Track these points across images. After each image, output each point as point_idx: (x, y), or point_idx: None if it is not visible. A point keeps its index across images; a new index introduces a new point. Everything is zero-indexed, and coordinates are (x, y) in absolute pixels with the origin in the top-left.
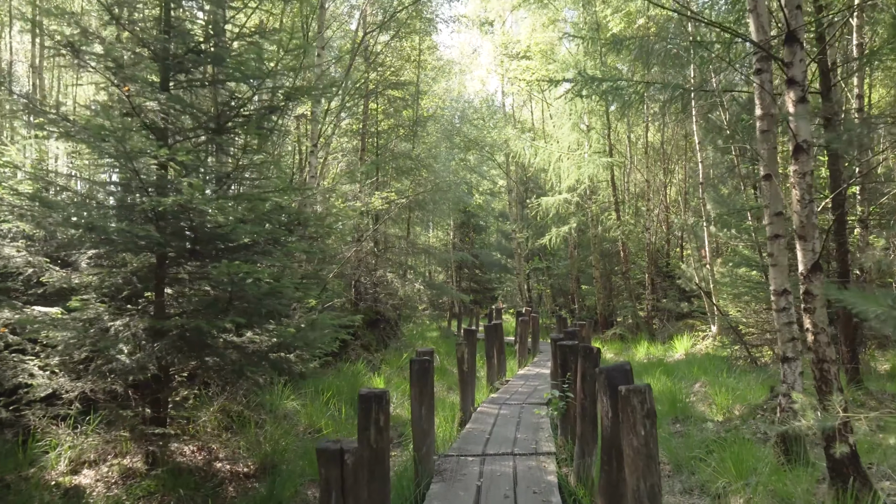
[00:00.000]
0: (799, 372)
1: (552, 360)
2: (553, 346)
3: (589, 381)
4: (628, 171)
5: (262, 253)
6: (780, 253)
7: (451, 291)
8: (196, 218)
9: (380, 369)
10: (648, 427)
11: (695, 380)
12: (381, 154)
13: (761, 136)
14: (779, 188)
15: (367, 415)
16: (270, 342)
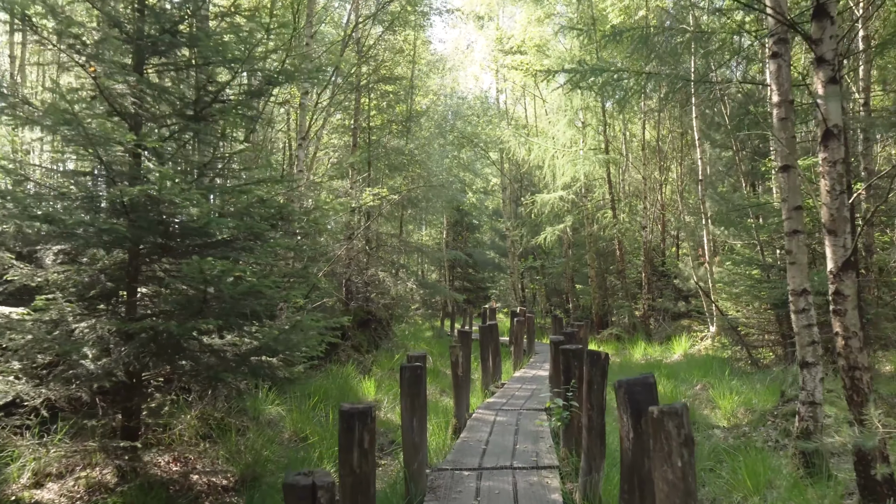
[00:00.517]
0: (819, 378)
1: (552, 364)
2: (553, 350)
3: (596, 391)
4: (624, 169)
5: (242, 249)
6: (800, 250)
7: (445, 290)
8: (167, 210)
9: (370, 371)
10: (687, 457)
11: (695, 382)
12: (373, 149)
13: (779, 125)
14: (798, 180)
15: (350, 435)
16: (251, 345)
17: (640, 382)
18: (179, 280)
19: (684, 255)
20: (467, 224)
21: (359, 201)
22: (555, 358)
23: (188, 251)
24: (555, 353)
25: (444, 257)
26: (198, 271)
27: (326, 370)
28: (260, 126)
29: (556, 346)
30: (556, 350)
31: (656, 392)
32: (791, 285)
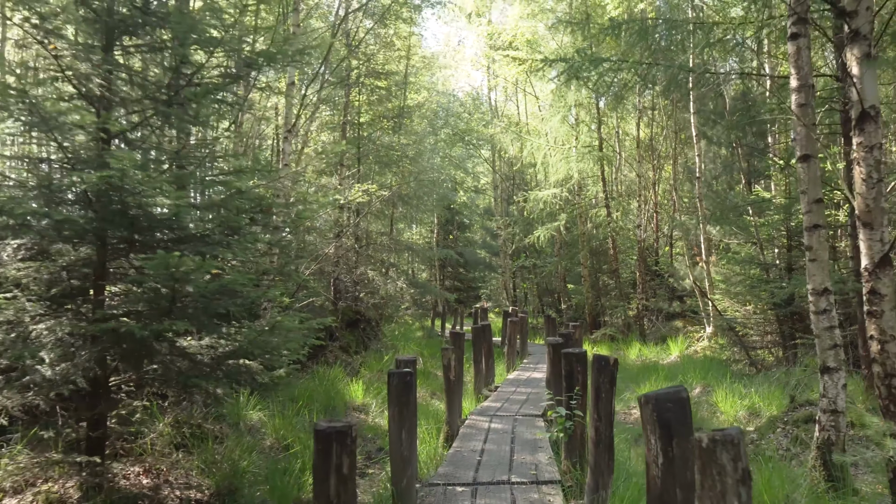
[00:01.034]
0: (842, 384)
1: (549, 367)
2: (552, 353)
3: (605, 400)
4: (617, 168)
5: (218, 244)
6: (821, 246)
7: (435, 290)
8: (133, 201)
9: (359, 373)
10: (745, 498)
11: (694, 384)
12: (363, 145)
13: (798, 111)
14: (818, 171)
15: (326, 459)
16: (226, 349)
17: (671, 398)
18: (147, 278)
19: (678, 255)
20: (458, 223)
21: (347, 198)
22: (553, 361)
23: (158, 246)
24: (554, 356)
25: (434, 256)
26: (164, 267)
27: (313, 372)
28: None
29: (556, 349)
30: (556, 353)
31: (689, 409)
32: (811, 284)
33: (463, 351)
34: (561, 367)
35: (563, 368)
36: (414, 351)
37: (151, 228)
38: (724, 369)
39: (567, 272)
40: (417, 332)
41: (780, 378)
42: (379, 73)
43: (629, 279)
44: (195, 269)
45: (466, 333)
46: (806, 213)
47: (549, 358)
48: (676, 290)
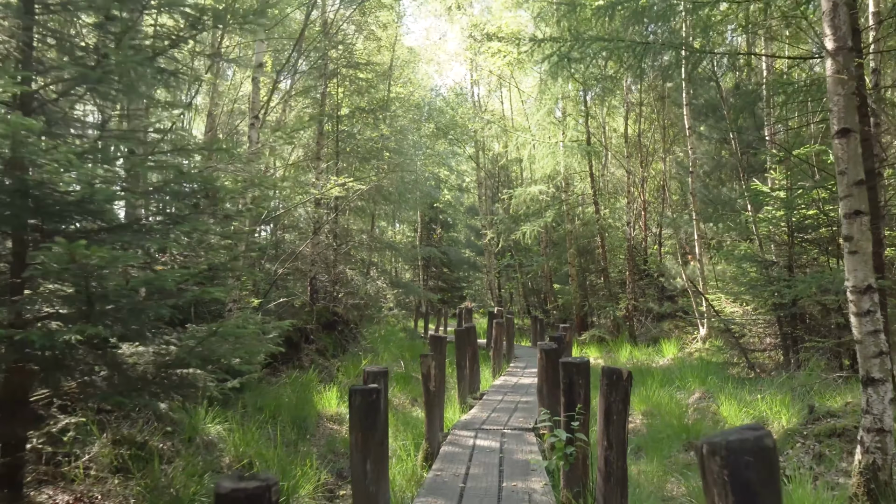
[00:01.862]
0: (889, 399)
1: (542, 376)
2: (545, 361)
3: (617, 423)
4: (605, 164)
5: (153, 234)
6: (863, 236)
7: (418, 290)
8: (32, 177)
9: (335, 378)
10: None
11: (692, 390)
12: (342, 139)
13: (834, 80)
14: (859, 147)
15: None
16: (163, 358)
17: (750, 447)
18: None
19: (667, 254)
20: (442, 222)
21: (322, 190)
22: (546, 369)
23: (77, 237)
24: (547, 364)
25: (417, 254)
26: (66, 261)
27: (286, 377)
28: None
29: (550, 357)
30: (550, 361)
31: (776, 463)
32: (851, 280)
33: (445, 356)
34: (556, 377)
35: (560, 381)
36: (395, 354)
37: (62, 214)
38: (721, 373)
39: (553, 272)
40: (399, 333)
41: (784, 384)
42: (359, 64)
43: (617, 279)
44: (109, 263)
45: (450, 336)
46: (844, 197)
47: (542, 366)
48: (666, 289)
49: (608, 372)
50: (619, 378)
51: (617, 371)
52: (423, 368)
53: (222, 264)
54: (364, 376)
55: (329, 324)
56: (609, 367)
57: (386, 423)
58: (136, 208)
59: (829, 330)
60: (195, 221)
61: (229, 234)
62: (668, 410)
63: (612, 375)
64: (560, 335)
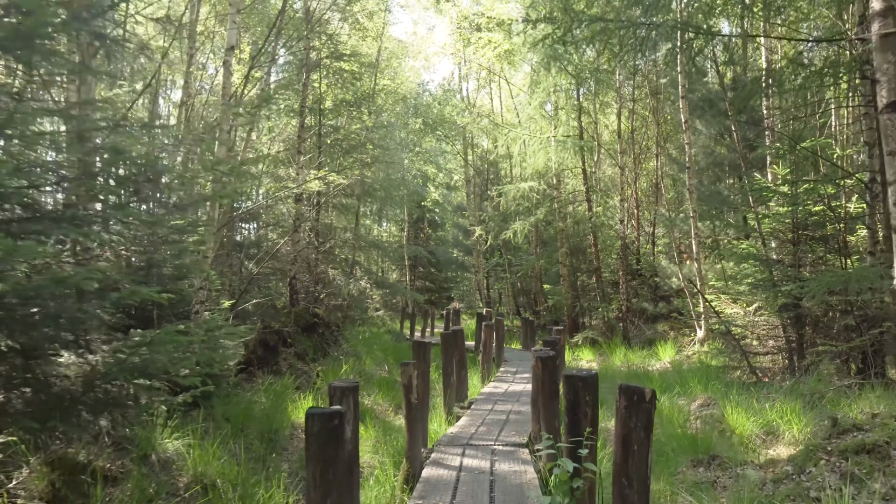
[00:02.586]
0: None
1: (537, 387)
2: (541, 370)
3: (638, 457)
4: (597, 161)
5: (85, 225)
6: None
7: (404, 290)
8: None
9: (314, 384)
10: None
11: (693, 396)
12: (324, 133)
13: (880, 46)
14: None
15: None
16: (92, 371)
17: None
18: None
19: (659, 253)
20: (430, 221)
21: (301, 185)
22: (542, 379)
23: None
24: (543, 373)
25: (404, 253)
26: None
27: (261, 383)
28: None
29: (547, 365)
30: (545, 370)
31: None
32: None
33: (428, 364)
34: (553, 387)
35: (563, 397)
36: (378, 357)
37: None
38: (721, 378)
39: (543, 271)
40: (384, 335)
41: (792, 390)
42: (344, 55)
43: (609, 279)
44: (4, 257)
45: (436, 338)
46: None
47: (538, 375)
48: (659, 290)
49: (627, 391)
50: (641, 399)
51: (637, 390)
52: (405, 378)
53: (164, 260)
54: (329, 393)
55: (309, 326)
56: (628, 386)
57: (354, 453)
58: (78, 195)
59: (836, 332)
60: (131, 210)
61: (183, 226)
62: (670, 419)
63: (631, 395)
64: (554, 339)
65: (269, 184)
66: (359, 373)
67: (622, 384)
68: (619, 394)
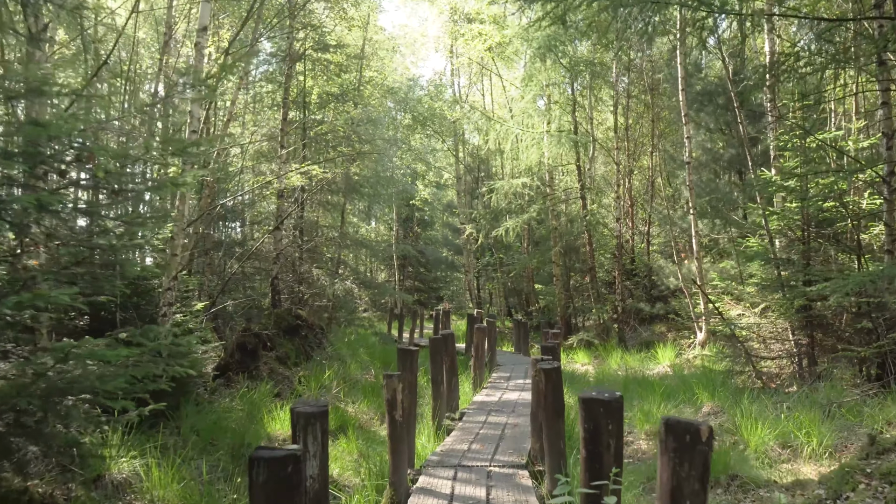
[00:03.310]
0: None
1: (536, 396)
2: (543, 384)
3: None
4: (592, 157)
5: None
6: None
7: (392, 291)
8: None
9: (295, 390)
10: None
11: (699, 404)
12: (308, 127)
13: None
14: None
15: None
16: None
17: None
18: None
19: (654, 252)
20: (419, 220)
21: (281, 178)
22: (545, 396)
23: None
24: (546, 388)
25: (392, 252)
26: None
27: (239, 389)
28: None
29: (551, 378)
30: (549, 384)
31: None
32: None
33: (415, 374)
34: (558, 402)
35: (584, 428)
36: (364, 361)
37: None
38: (726, 383)
39: (535, 271)
40: (371, 337)
41: (805, 398)
42: (330, 47)
43: (604, 279)
44: None
45: (424, 340)
46: None
47: (539, 390)
48: (654, 290)
49: (677, 428)
50: (696, 439)
51: (690, 427)
52: (387, 392)
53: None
54: (292, 419)
55: (291, 328)
56: (677, 421)
57: (321, 498)
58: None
59: (850, 336)
60: (47, 195)
61: (132, 218)
62: None
63: (682, 434)
64: (553, 344)
65: (250, 180)
66: (343, 378)
67: (669, 418)
68: (665, 431)
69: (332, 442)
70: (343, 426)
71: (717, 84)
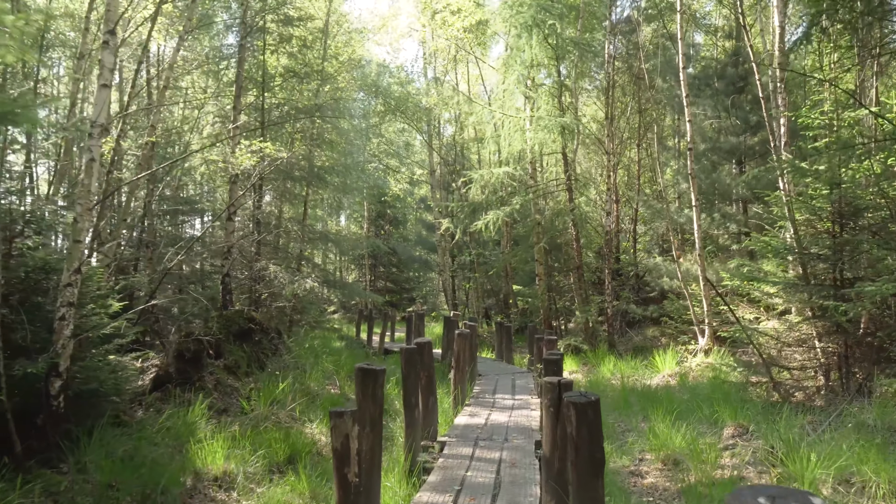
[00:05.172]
0: None
1: (552, 436)
2: (574, 422)
3: None
4: (576, 147)
5: None
6: None
7: (360, 290)
8: None
9: (243, 408)
10: None
11: (718, 423)
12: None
13: None
14: None
15: None
16: None
17: None
18: None
19: (640, 251)
20: (391, 217)
21: (228, 159)
22: (577, 445)
23: None
24: (579, 431)
25: (362, 247)
26: None
27: (173, 406)
28: None
29: (584, 416)
30: (583, 424)
31: None
32: None
33: (381, 404)
34: (600, 456)
35: None
36: (328, 370)
37: None
38: (741, 397)
39: (514, 271)
40: (335, 342)
41: (854, 418)
42: (293, 19)
43: (589, 279)
44: None
45: (398, 344)
46: None
47: (568, 437)
48: (641, 291)
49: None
50: None
51: None
52: (336, 438)
53: None
54: None
55: (243, 332)
56: None
57: None
58: None
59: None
60: None
61: None
62: (699, 456)
63: None
64: (557, 357)
65: (200, 165)
66: (301, 390)
67: None
68: None
69: (279, 480)
70: (294, 456)
71: (717, 66)
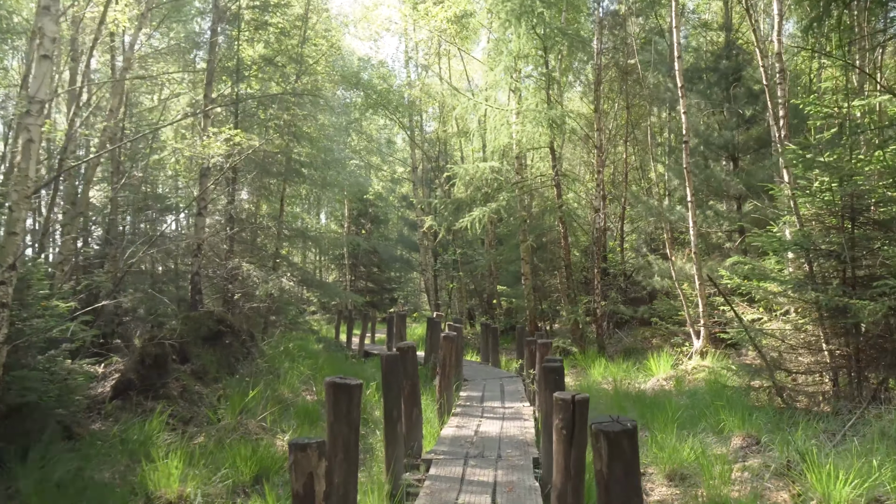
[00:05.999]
0: None
1: (560, 469)
2: (605, 456)
3: None
4: (563, 141)
5: None
6: None
7: (339, 291)
8: None
9: (210, 416)
10: None
11: (725, 432)
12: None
13: None
14: None
15: None
16: None
17: None
18: None
19: (627, 249)
20: (372, 216)
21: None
22: (607, 485)
23: None
24: (610, 467)
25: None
26: None
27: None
28: None
29: (621, 454)
30: (619, 463)
31: None
32: None
33: (356, 428)
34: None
35: None
36: (304, 375)
37: None
38: (742, 402)
39: (499, 270)
40: (314, 344)
41: (872, 426)
42: (269, 4)
43: (578, 278)
44: None
45: (379, 346)
46: None
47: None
48: (629, 291)
49: None
50: None
51: None
52: (297, 479)
53: None
54: None
55: (212, 335)
56: None
57: None
58: None
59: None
60: None
61: None
62: (709, 471)
63: None
64: (557, 364)
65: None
66: (274, 398)
67: None
68: None
69: (244, 502)
70: (263, 473)
71: (710, 57)
